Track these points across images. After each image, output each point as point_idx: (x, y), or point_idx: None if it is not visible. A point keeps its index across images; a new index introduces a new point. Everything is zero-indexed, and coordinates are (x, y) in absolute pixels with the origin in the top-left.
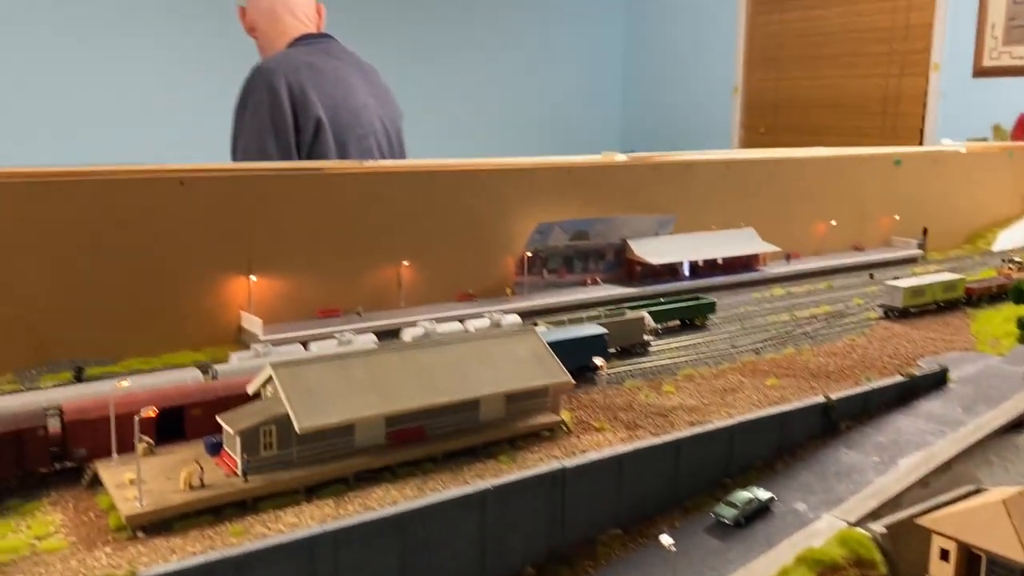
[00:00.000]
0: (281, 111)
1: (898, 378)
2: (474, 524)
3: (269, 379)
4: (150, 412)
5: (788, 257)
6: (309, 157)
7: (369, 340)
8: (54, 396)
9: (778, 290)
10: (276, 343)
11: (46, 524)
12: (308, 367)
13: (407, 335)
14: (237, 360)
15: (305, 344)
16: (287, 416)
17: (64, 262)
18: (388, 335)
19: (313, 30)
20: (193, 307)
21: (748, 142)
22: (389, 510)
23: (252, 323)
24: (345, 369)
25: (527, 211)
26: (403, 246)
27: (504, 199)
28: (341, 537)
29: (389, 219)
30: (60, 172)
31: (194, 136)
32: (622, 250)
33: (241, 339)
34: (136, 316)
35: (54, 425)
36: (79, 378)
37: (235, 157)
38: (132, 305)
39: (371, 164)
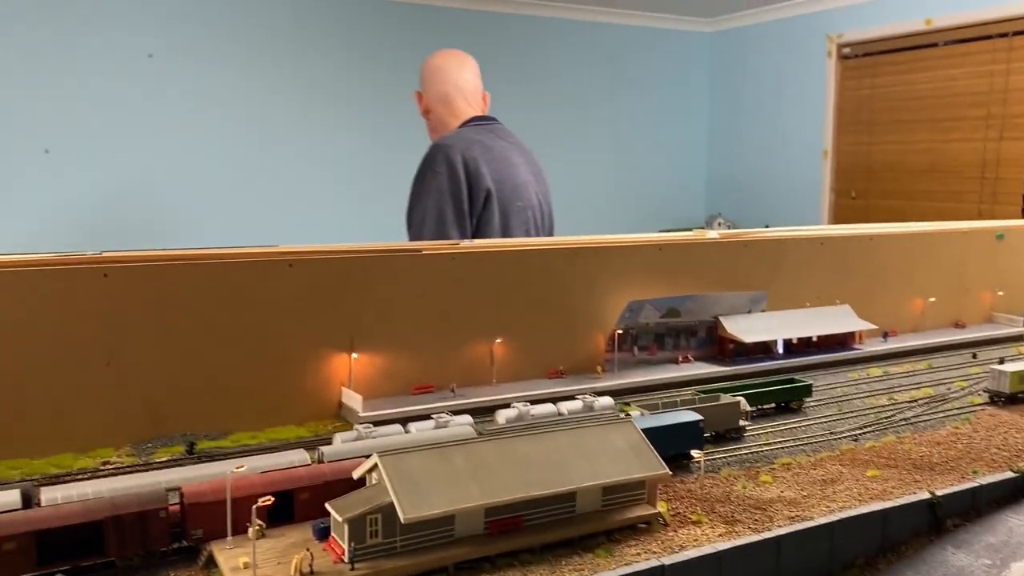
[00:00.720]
0: (457, 181)
1: (1009, 473)
2: None
3: (374, 467)
4: (267, 501)
5: (885, 335)
6: (477, 224)
7: (466, 421)
8: (173, 477)
9: (875, 370)
10: (375, 421)
11: None
12: (411, 456)
13: (501, 417)
14: (340, 442)
15: (404, 423)
16: (392, 505)
17: (180, 341)
18: (481, 412)
19: (480, 114)
20: (298, 384)
21: (839, 207)
22: None
23: (352, 399)
24: (446, 459)
25: (618, 288)
26: (496, 323)
27: (595, 276)
28: None
29: (483, 297)
30: (179, 255)
31: (306, 217)
32: (714, 327)
33: (341, 414)
34: (244, 392)
35: (174, 506)
36: (191, 452)
37: (411, 224)
38: (241, 382)
39: (466, 244)
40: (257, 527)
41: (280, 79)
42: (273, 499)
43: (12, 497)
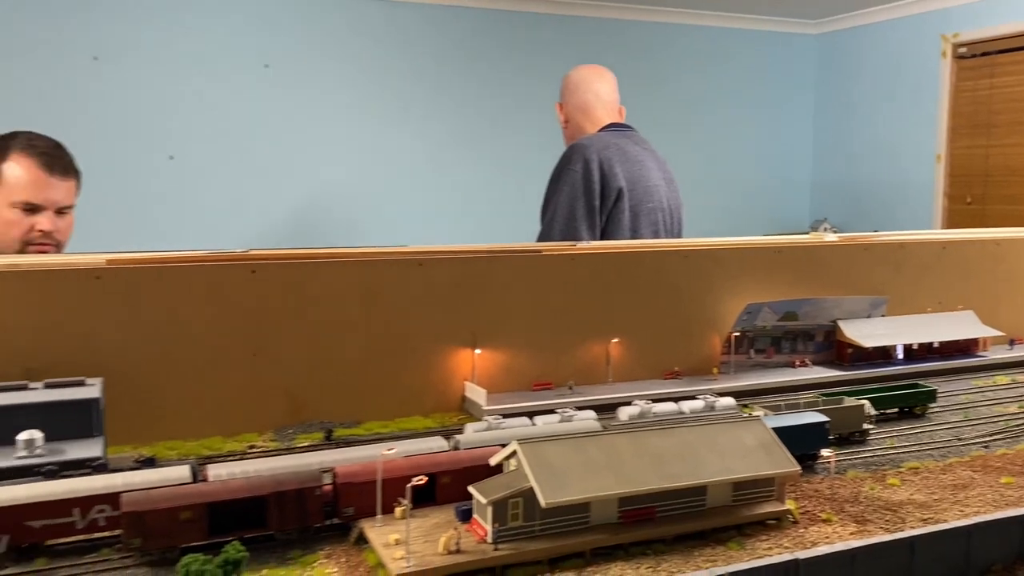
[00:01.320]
0: (590, 179)
1: None
2: None
3: (512, 454)
4: (421, 480)
5: (1012, 342)
6: (607, 222)
7: (590, 416)
8: (326, 459)
9: (1002, 378)
10: (501, 414)
11: (325, 574)
12: (548, 445)
13: (623, 414)
14: (472, 431)
15: (530, 416)
16: (532, 490)
17: (318, 335)
18: (601, 410)
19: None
20: (425, 377)
21: (952, 213)
22: None
23: (476, 393)
24: (581, 449)
25: (734, 290)
26: (613, 324)
27: (711, 278)
28: None
29: (600, 297)
30: (318, 254)
31: (431, 219)
32: (832, 332)
33: (464, 407)
34: (375, 384)
35: (327, 486)
36: (328, 438)
37: (545, 218)
38: (373, 374)
39: (583, 245)
40: (405, 507)
41: (403, 88)
42: (426, 479)
43: (183, 472)
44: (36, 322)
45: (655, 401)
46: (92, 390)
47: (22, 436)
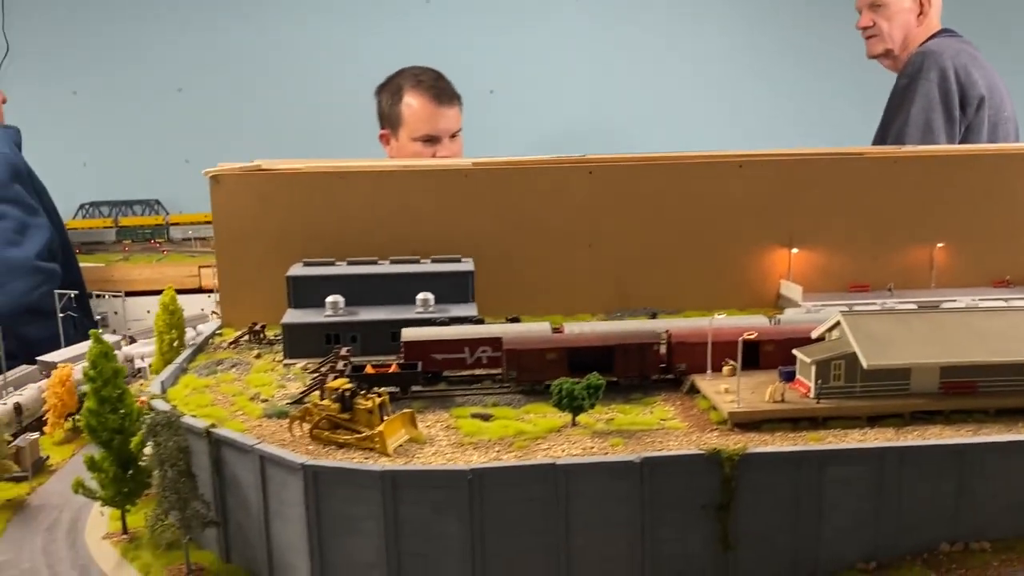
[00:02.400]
0: (948, 88)
1: None
2: None
3: (835, 326)
4: (751, 335)
5: None
6: (966, 131)
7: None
8: (662, 325)
9: None
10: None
11: (664, 412)
12: (871, 318)
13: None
14: (792, 313)
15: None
16: (854, 355)
17: (645, 230)
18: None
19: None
20: (740, 273)
21: None
22: (951, 439)
23: (792, 290)
24: (904, 323)
25: None
26: (937, 229)
27: None
28: (907, 454)
29: (925, 202)
30: (649, 157)
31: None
32: None
33: (779, 304)
34: (694, 277)
35: (663, 344)
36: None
37: (889, 132)
38: (692, 267)
39: (908, 149)
40: (731, 365)
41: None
42: (756, 334)
43: (545, 327)
44: (419, 211)
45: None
46: (467, 265)
47: (420, 296)
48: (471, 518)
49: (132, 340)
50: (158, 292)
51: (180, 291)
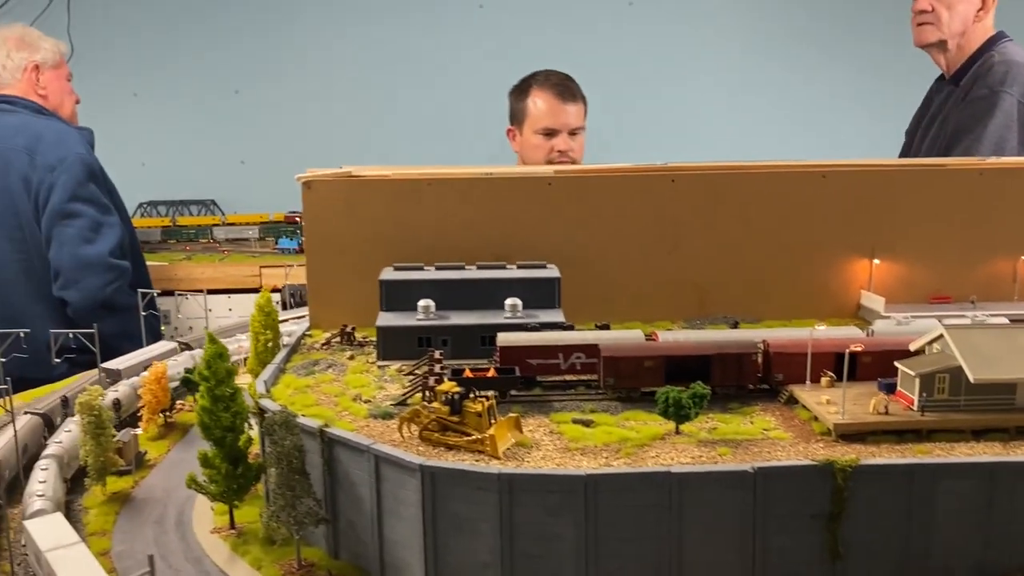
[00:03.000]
0: None
1: None
2: None
3: (936, 338)
4: (857, 347)
5: None
6: None
7: (1004, 324)
8: (756, 334)
9: None
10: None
11: (766, 422)
12: (975, 332)
13: None
14: (883, 325)
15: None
16: (959, 368)
17: (726, 238)
18: None
19: None
20: (821, 282)
21: None
22: None
23: (873, 301)
24: (1010, 338)
25: None
26: (1021, 241)
27: None
28: (1020, 469)
29: (1011, 214)
30: (731, 166)
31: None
32: None
33: (859, 315)
34: (775, 286)
35: (760, 354)
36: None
37: (957, 141)
38: (772, 277)
39: (993, 161)
40: (830, 376)
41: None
42: (863, 347)
43: (639, 334)
44: (503, 217)
45: None
46: (553, 271)
47: (509, 301)
48: (585, 522)
49: (187, 347)
50: (221, 291)
51: (241, 290)
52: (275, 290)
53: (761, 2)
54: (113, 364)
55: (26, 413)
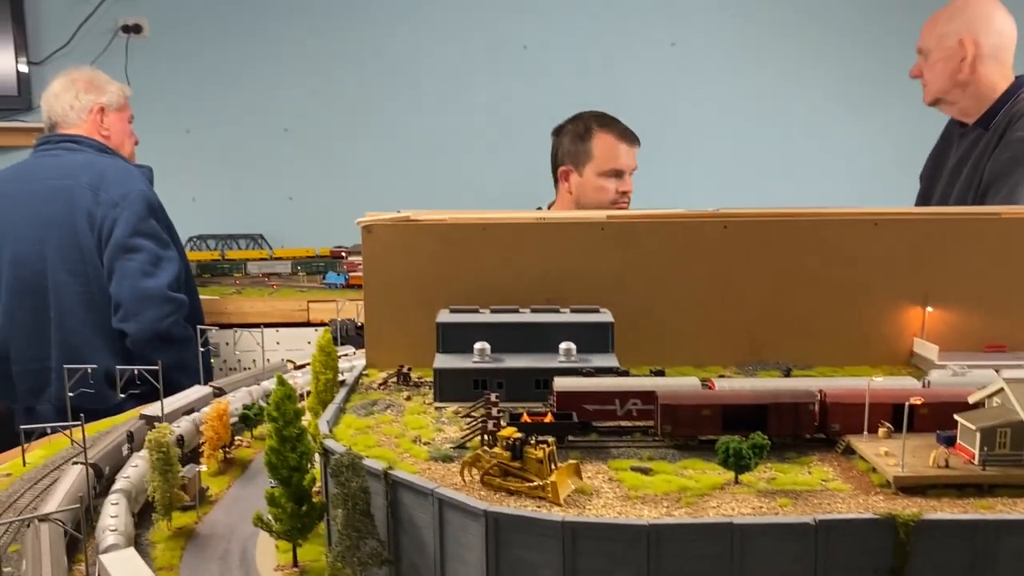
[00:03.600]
0: None
1: None
2: None
3: (997, 392)
4: (917, 400)
5: None
6: None
7: None
8: (813, 383)
9: None
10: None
11: (824, 473)
12: None
13: None
14: (937, 375)
15: (997, 370)
16: (1021, 422)
17: (778, 283)
18: None
19: None
20: (874, 329)
21: None
22: None
23: (926, 349)
24: None
25: None
26: None
27: None
28: None
29: None
30: (781, 213)
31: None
32: None
33: (912, 362)
34: (827, 332)
35: (817, 403)
36: (787, 376)
37: (998, 188)
38: (824, 323)
39: (1018, 209)
40: (887, 427)
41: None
42: (922, 399)
43: (695, 381)
44: (555, 261)
45: None
46: (606, 316)
47: (563, 345)
48: (648, 571)
49: (220, 391)
50: (269, 325)
51: (288, 324)
52: (321, 324)
53: (814, 46)
54: (150, 410)
55: (74, 463)
